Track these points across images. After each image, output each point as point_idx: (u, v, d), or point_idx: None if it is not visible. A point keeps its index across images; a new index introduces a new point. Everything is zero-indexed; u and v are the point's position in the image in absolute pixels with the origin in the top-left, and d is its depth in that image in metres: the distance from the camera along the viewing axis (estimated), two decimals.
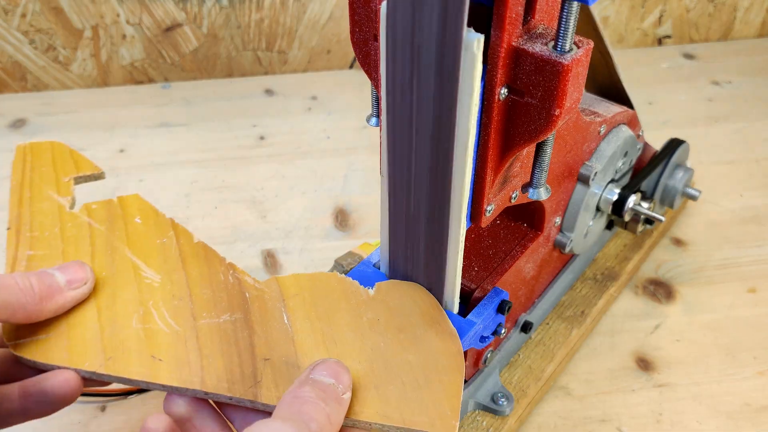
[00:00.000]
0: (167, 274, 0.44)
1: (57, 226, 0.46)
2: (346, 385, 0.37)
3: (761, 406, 0.52)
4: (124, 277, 0.44)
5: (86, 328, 0.41)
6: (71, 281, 0.42)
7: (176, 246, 0.46)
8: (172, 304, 0.43)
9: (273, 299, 0.43)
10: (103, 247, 0.45)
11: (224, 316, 0.42)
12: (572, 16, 0.33)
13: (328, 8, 0.84)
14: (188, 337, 0.41)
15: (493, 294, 0.45)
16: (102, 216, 0.47)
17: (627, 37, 0.91)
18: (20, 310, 0.39)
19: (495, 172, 0.38)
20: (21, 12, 0.79)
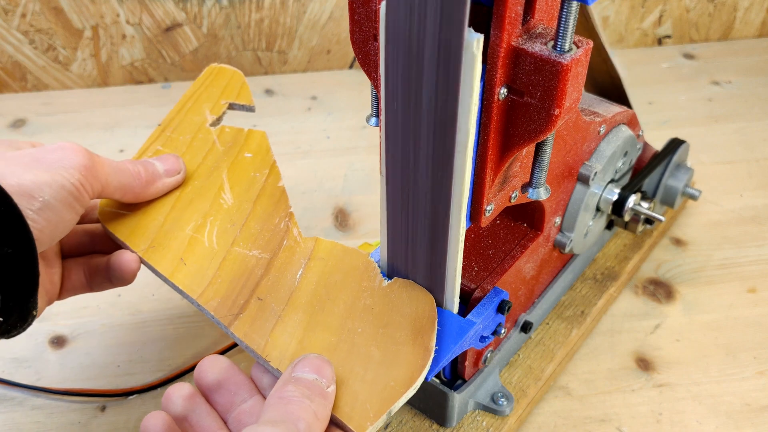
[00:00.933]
0: (239, 202, 0.49)
1: (191, 135, 0.53)
2: (330, 379, 0.37)
3: (761, 406, 0.52)
4: (207, 192, 0.50)
5: (154, 219, 0.48)
6: (168, 170, 0.49)
7: (262, 183, 0.50)
8: (224, 226, 0.48)
9: (301, 255, 0.45)
10: (209, 163, 0.51)
11: (254, 252, 0.46)
12: (572, 16, 0.33)
13: (328, 8, 0.84)
14: (217, 256, 0.46)
15: (493, 294, 0.45)
16: (227, 139, 0.53)
17: (627, 37, 0.91)
18: (130, 192, 0.47)
19: (495, 171, 0.38)
20: (21, 12, 0.79)
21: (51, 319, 0.59)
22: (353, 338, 0.41)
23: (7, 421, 0.52)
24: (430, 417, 0.49)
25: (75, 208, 0.42)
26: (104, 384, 0.54)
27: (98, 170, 0.43)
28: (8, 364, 0.55)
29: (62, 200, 0.41)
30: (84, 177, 0.42)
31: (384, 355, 0.39)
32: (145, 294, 0.61)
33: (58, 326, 0.58)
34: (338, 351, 0.40)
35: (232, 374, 0.41)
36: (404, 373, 0.38)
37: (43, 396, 0.53)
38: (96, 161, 0.43)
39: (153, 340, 0.57)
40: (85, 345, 0.57)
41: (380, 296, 0.42)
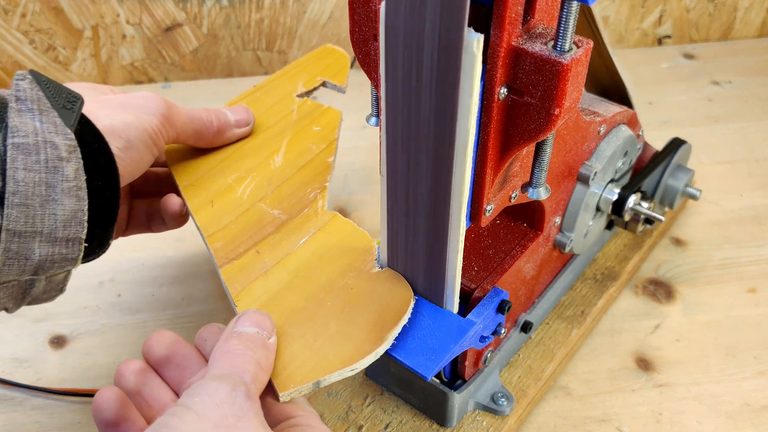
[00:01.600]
0: (285, 167, 0.52)
1: (276, 101, 0.57)
2: (270, 330, 0.39)
3: (761, 406, 0.52)
4: (263, 151, 0.53)
5: (207, 162, 0.52)
6: (238, 121, 0.54)
7: (314, 155, 0.52)
8: (262, 183, 0.51)
9: (313, 225, 0.47)
10: (279, 128, 0.55)
11: (275, 211, 0.49)
12: (572, 16, 0.33)
13: (328, 8, 0.84)
14: (241, 207, 0.49)
15: (493, 294, 0.45)
16: (304, 111, 0.56)
17: (627, 37, 0.91)
18: (202, 139, 0.52)
19: (495, 171, 0.38)
20: (21, 12, 0.79)
21: (51, 319, 0.59)
22: (318, 308, 0.42)
23: (7, 421, 0.52)
24: (430, 417, 0.49)
25: (152, 150, 0.47)
26: (104, 384, 0.53)
27: (174, 118, 0.49)
28: (8, 364, 0.55)
29: (143, 142, 0.46)
30: (161, 123, 0.47)
31: (338, 332, 0.40)
32: (145, 294, 0.61)
33: (58, 326, 0.58)
34: (299, 315, 0.41)
35: (180, 347, 0.42)
36: (348, 353, 0.39)
37: (43, 396, 0.53)
38: (173, 110, 0.49)
39: None
40: (85, 345, 0.57)
41: (363, 280, 0.43)
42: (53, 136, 0.39)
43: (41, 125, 0.39)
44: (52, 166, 0.39)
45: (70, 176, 0.39)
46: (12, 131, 0.38)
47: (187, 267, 0.63)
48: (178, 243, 0.65)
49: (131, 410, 0.40)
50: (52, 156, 0.39)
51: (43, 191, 0.39)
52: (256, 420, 0.34)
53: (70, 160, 0.40)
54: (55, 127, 0.40)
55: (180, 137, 0.50)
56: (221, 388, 0.34)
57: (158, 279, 0.62)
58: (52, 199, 0.39)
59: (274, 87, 0.58)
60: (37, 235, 0.39)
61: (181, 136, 0.50)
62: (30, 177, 0.38)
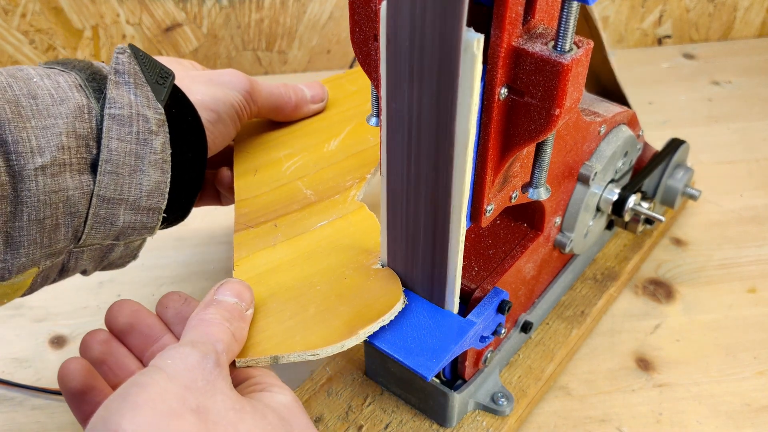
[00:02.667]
0: (337, 152, 0.52)
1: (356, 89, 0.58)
2: (248, 302, 0.40)
3: (761, 406, 0.52)
4: (322, 134, 0.54)
5: (266, 135, 0.54)
6: (314, 96, 0.56)
7: (367, 146, 0.53)
8: (308, 163, 0.52)
9: (336, 211, 0.48)
10: (347, 115, 0.56)
11: (308, 191, 0.49)
12: (572, 16, 0.33)
13: (328, 8, 0.84)
14: (280, 181, 0.50)
15: (493, 294, 0.45)
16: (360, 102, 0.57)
17: (627, 37, 0.91)
18: (280, 114, 0.54)
19: (495, 172, 0.38)
20: (21, 12, 0.79)
21: (51, 319, 0.59)
22: (306, 291, 0.42)
23: (7, 421, 0.52)
24: (430, 417, 0.49)
25: (237, 124, 0.50)
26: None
27: (257, 95, 0.51)
28: (8, 364, 0.55)
29: (230, 116, 0.48)
30: (245, 99, 0.50)
31: (315, 316, 0.41)
32: (145, 294, 0.61)
33: (58, 326, 0.58)
34: (286, 293, 0.42)
35: (142, 316, 0.42)
36: (315, 338, 0.40)
37: (43, 396, 0.53)
38: (256, 86, 0.51)
39: None
40: None
41: (359, 274, 0.43)
42: (145, 109, 0.42)
43: (135, 98, 0.42)
44: (143, 139, 0.41)
45: (158, 149, 0.42)
46: (110, 102, 0.41)
47: (187, 267, 0.63)
48: (178, 243, 0.65)
49: (97, 379, 0.40)
50: (144, 129, 0.41)
51: (132, 161, 0.41)
52: (224, 384, 0.35)
53: (159, 134, 0.42)
54: (148, 101, 0.42)
55: (261, 112, 0.52)
56: (193, 354, 0.34)
57: (158, 279, 0.62)
58: (140, 169, 0.41)
59: (358, 76, 0.59)
60: (123, 202, 0.41)
61: (262, 111, 0.52)
62: (122, 147, 0.41)
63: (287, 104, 0.54)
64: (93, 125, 0.40)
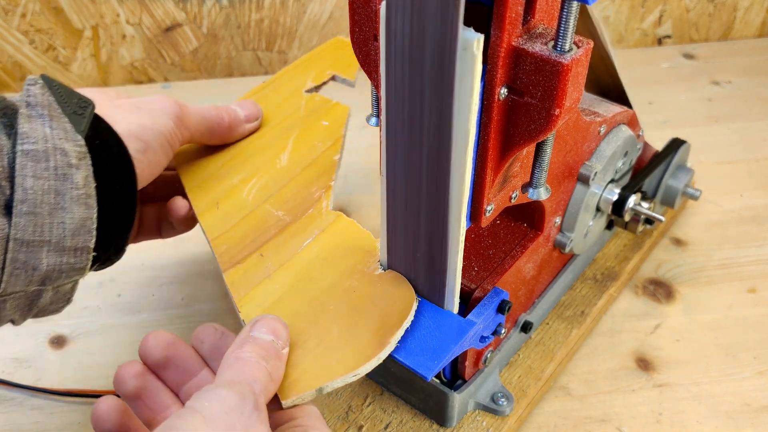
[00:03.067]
0: (291, 166, 0.51)
1: (284, 97, 0.56)
2: (285, 340, 0.39)
3: (761, 406, 0.52)
4: (269, 150, 0.52)
5: (213, 163, 0.52)
6: (248, 116, 0.53)
7: (319, 153, 0.52)
8: (267, 183, 0.50)
9: (317, 225, 0.47)
10: (286, 125, 0.54)
11: (279, 212, 0.48)
12: (572, 16, 0.33)
13: (328, 8, 0.84)
14: (246, 208, 0.49)
15: (493, 294, 0.45)
16: (312, 106, 0.55)
17: (627, 37, 0.91)
18: (215, 137, 0.52)
19: (495, 171, 0.38)
20: (21, 12, 0.79)
21: (51, 319, 0.59)
22: (321, 313, 0.41)
23: (7, 421, 0.52)
24: (430, 417, 0.49)
25: (168, 152, 0.47)
26: (104, 384, 0.54)
27: (188, 119, 0.48)
28: (8, 364, 0.55)
29: (160, 143, 0.46)
30: (176, 125, 0.47)
31: (341, 336, 0.40)
32: (145, 294, 0.61)
33: (58, 326, 0.58)
34: (302, 320, 0.41)
35: (179, 349, 0.41)
36: (351, 358, 0.39)
37: (43, 396, 0.53)
38: (186, 111, 0.48)
39: None
40: (85, 345, 0.57)
41: (366, 282, 0.43)
42: (63, 142, 0.39)
43: (51, 131, 0.38)
44: (62, 174, 0.38)
45: (80, 184, 0.39)
46: (22, 137, 0.37)
47: (187, 267, 0.63)
48: (178, 243, 0.65)
49: (132, 419, 0.39)
50: (62, 163, 0.38)
51: (51, 199, 0.38)
52: (263, 428, 0.33)
53: (80, 167, 0.39)
54: (66, 133, 0.39)
55: (194, 137, 0.50)
56: (231, 396, 0.33)
57: (158, 279, 0.62)
58: (60, 207, 0.38)
59: (283, 82, 0.58)
60: (45, 244, 0.38)
61: (195, 135, 0.50)
62: (39, 185, 0.37)
63: (220, 126, 0.52)
64: (4, 164, 0.37)
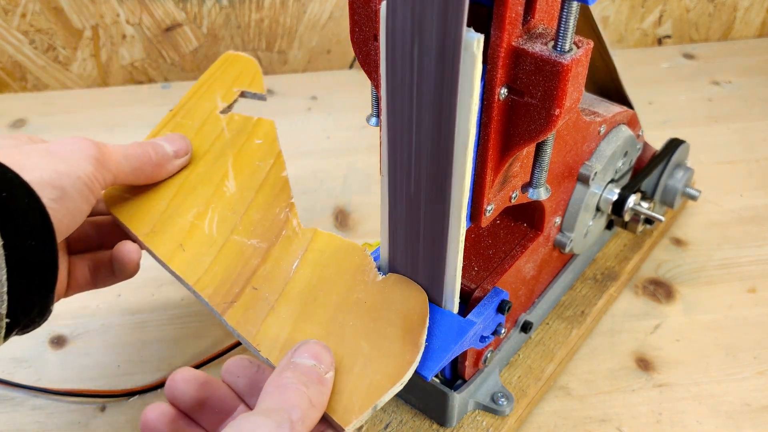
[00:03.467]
0: (242, 190, 0.49)
1: (200, 122, 0.53)
2: (328, 365, 0.37)
3: (761, 406, 0.52)
4: (211, 179, 0.50)
5: (157, 203, 0.48)
6: (177, 151, 0.49)
7: (266, 172, 0.50)
8: (225, 214, 0.48)
9: (298, 246, 0.45)
10: (217, 150, 0.51)
11: (253, 241, 0.46)
12: (572, 16, 0.33)
13: (328, 8, 0.84)
14: (216, 243, 0.46)
15: (493, 294, 0.45)
16: (235, 127, 0.53)
17: (627, 37, 0.91)
18: (141, 176, 0.48)
19: (495, 171, 0.38)
20: (21, 12, 0.79)
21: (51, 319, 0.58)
22: (343, 331, 0.40)
23: (7, 421, 0.52)
24: (430, 417, 0.49)
25: (88, 198, 0.43)
26: (104, 384, 0.54)
27: (109, 160, 0.44)
28: (8, 364, 0.55)
29: (78, 190, 0.42)
30: (95, 168, 0.43)
31: (372, 349, 0.39)
32: (145, 294, 0.61)
33: (58, 326, 0.58)
34: (327, 343, 0.40)
35: (212, 388, 0.40)
36: (392, 368, 0.38)
37: (43, 396, 0.53)
38: (106, 152, 0.44)
39: (153, 340, 0.57)
40: (85, 345, 0.57)
41: (373, 291, 0.42)
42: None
43: None
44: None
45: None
46: None
47: None
48: None
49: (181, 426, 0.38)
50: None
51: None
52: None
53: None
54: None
55: (117, 179, 0.45)
56: (267, 424, 0.32)
57: (158, 279, 0.62)
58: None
59: (191, 108, 0.54)
60: None
61: (119, 177, 0.45)
62: None
63: (147, 164, 0.47)
64: None
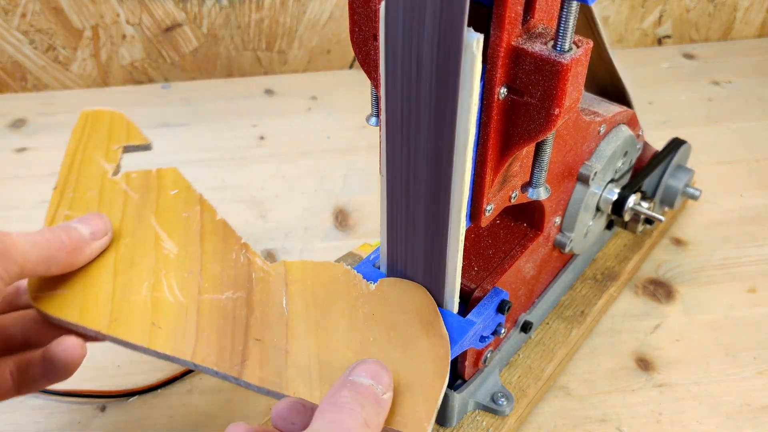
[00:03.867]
0: (184, 247, 0.46)
1: (97, 190, 0.48)
2: (386, 385, 0.36)
3: (761, 406, 0.52)
4: (144, 245, 0.46)
5: (101, 288, 0.43)
6: (95, 233, 0.44)
7: (199, 221, 0.47)
8: (182, 276, 0.44)
9: (276, 282, 0.43)
10: (132, 215, 0.47)
11: (227, 293, 0.43)
12: (572, 16, 0.33)
13: (328, 8, 0.84)
14: (190, 309, 0.42)
15: (492, 294, 0.45)
16: (137, 185, 0.49)
17: (627, 37, 0.91)
18: (54, 265, 0.42)
19: (495, 171, 0.38)
20: (21, 12, 0.79)
21: None
22: (369, 349, 0.39)
23: (7, 421, 0.52)
24: None
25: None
26: (104, 384, 0.54)
27: (12, 251, 0.39)
28: None
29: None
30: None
31: (406, 356, 0.39)
32: None
33: None
34: None
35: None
36: (432, 366, 0.38)
37: (42, 396, 0.53)
38: (8, 242, 0.39)
39: None
40: None
41: (375, 301, 0.42)
42: None
43: None
44: None
45: None
46: None
47: None
48: None
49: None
50: None
51: None
52: None
53: None
54: None
55: (25, 271, 0.40)
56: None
57: None
58: None
59: (78, 179, 0.49)
60: None
61: (27, 268, 0.40)
62: None
63: (60, 250, 0.41)
64: None
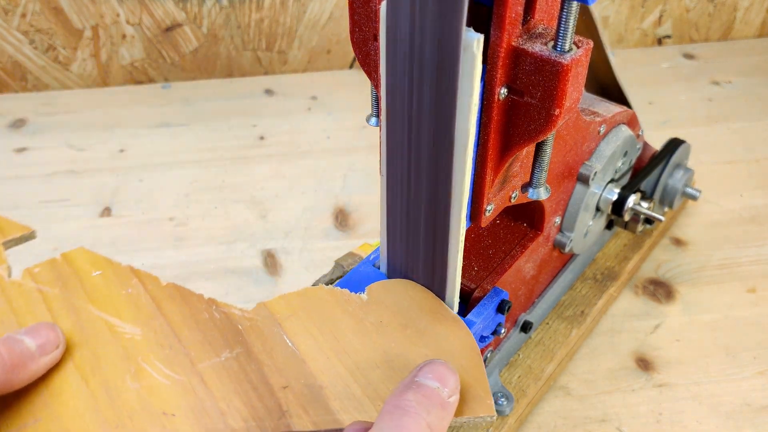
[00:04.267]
0: (146, 324, 0.41)
1: (4, 300, 0.42)
2: (453, 388, 0.35)
3: (761, 406, 0.52)
4: (99, 338, 0.41)
5: (78, 401, 0.38)
6: (43, 345, 0.38)
7: (145, 293, 0.43)
8: (163, 354, 0.40)
9: (268, 325, 0.41)
10: (63, 310, 0.42)
11: (224, 354, 0.40)
12: (572, 16, 0.33)
13: (328, 8, 0.84)
14: (194, 384, 0.39)
15: (492, 294, 0.45)
16: (49, 278, 0.43)
17: (627, 37, 0.91)
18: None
19: (495, 171, 0.38)
20: (21, 12, 0.79)
21: None
22: (394, 357, 0.38)
23: None
24: None
25: None
26: None
27: None
28: None
29: None
30: None
31: (431, 349, 0.38)
32: None
33: None
34: (399, 373, 0.38)
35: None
36: (460, 346, 0.38)
37: None
38: None
39: None
40: None
41: (374, 308, 0.41)
42: None
43: None
44: None
45: None
46: None
47: (187, 267, 0.63)
48: (178, 243, 0.65)
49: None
50: None
51: None
52: None
53: None
54: None
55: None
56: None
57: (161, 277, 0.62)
58: None
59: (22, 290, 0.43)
60: None
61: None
62: None
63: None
64: None
